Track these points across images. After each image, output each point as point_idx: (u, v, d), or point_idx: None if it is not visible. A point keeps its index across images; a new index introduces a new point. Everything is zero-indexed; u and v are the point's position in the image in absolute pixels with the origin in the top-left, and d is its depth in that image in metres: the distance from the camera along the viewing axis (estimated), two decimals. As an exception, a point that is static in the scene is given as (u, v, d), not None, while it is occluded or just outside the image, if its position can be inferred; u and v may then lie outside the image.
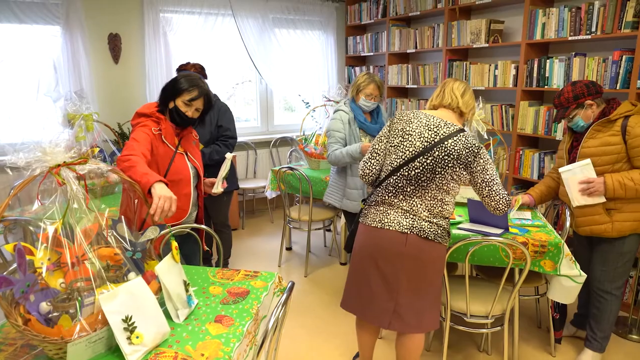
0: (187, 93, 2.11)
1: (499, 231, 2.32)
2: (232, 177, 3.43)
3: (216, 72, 4.86)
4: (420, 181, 1.93)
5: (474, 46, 3.92)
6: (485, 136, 2.75)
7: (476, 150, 1.91)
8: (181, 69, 3.14)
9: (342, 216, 3.51)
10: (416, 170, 1.93)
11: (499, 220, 2.35)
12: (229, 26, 4.82)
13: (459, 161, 1.90)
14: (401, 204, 1.98)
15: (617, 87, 2.98)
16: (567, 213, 2.54)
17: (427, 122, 1.97)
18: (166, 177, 2.12)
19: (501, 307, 2.26)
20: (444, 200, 1.96)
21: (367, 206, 2.11)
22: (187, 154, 2.23)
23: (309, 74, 5.45)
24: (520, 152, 3.65)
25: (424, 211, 1.95)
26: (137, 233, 1.63)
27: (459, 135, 1.92)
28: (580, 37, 3.15)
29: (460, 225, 2.43)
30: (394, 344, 2.59)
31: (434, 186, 1.93)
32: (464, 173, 1.93)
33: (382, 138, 2.07)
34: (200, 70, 3.16)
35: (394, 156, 2.00)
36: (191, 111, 2.14)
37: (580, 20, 3.13)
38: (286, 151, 5.37)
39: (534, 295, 2.74)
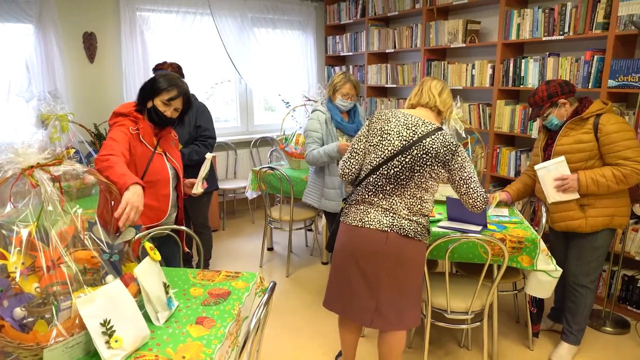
0: (165, 92, 2.09)
1: (478, 228, 2.36)
2: (211, 177, 3.39)
3: (195, 71, 4.80)
4: (399, 180, 1.95)
5: (452, 46, 3.97)
6: (464, 134, 2.79)
7: (454, 149, 1.93)
8: (158, 68, 3.10)
9: (323, 216, 3.52)
10: (395, 169, 1.95)
11: (477, 218, 2.38)
12: (207, 25, 4.78)
13: (437, 159, 1.92)
14: (381, 203, 1.99)
15: (589, 87, 3.06)
16: (543, 209, 2.59)
17: (405, 121, 1.98)
18: (144, 178, 2.09)
19: (480, 302, 2.30)
20: (422, 198, 1.98)
21: (347, 205, 2.12)
22: (166, 155, 2.21)
23: (289, 74, 5.43)
24: (498, 150, 3.72)
25: (404, 209, 1.97)
26: (114, 235, 1.60)
27: (437, 134, 1.94)
28: (553, 38, 3.22)
29: (440, 224, 2.45)
30: (376, 342, 2.61)
31: (413, 184, 1.95)
32: (442, 171, 1.96)
33: (361, 137, 2.08)
34: (177, 69, 3.12)
35: (373, 155, 2.01)
36: (170, 111, 2.11)
37: (553, 21, 3.21)
38: (267, 151, 5.35)
39: (512, 291, 2.79)
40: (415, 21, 4.50)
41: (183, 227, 2.27)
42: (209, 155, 2.27)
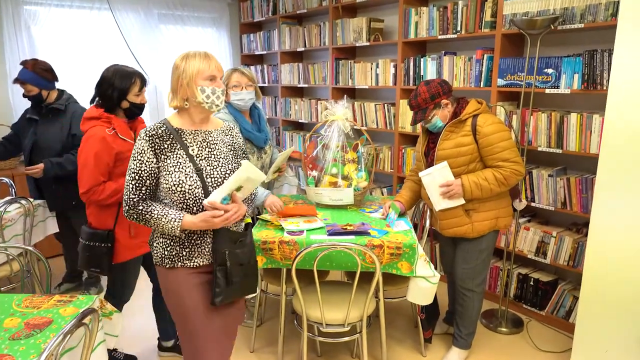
0: (134, 85, 2.18)
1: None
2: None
3: (95, 71, 4.45)
4: None
5: (357, 45, 3.88)
6: (352, 134, 2.68)
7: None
8: (24, 65, 2.81)
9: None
10: None
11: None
12: (107, 21, 4.45)
13: None
14: None
15: (481, 85, 3.04)
16: (428, 213, 2.53)
17: None
18: None
19: (360, 313, 2.19)
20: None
21: None
22: None
23: (203, 73, 5.18)
24: (403, 150, 3.66)
25: None
26: None
27: None
28: (448, 36, 3.18)
29: (329, 230, 2.31)
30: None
31: None
32: None
33: None
34: (45, 67, 2.83)
35: None
36: (142, 96, 2.25)
37: (447, 19, 3.17)
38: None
39: (404, 297, 2.71)
40: (323, 19, 4.39)
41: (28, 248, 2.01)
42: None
